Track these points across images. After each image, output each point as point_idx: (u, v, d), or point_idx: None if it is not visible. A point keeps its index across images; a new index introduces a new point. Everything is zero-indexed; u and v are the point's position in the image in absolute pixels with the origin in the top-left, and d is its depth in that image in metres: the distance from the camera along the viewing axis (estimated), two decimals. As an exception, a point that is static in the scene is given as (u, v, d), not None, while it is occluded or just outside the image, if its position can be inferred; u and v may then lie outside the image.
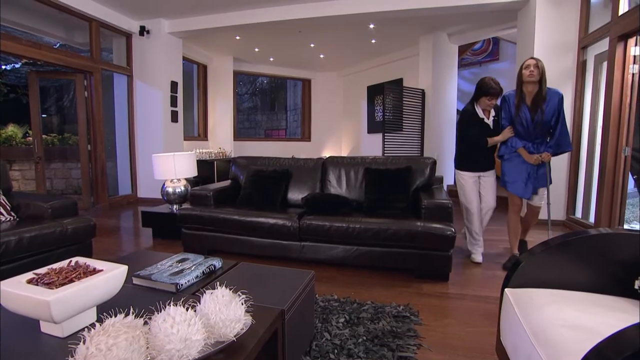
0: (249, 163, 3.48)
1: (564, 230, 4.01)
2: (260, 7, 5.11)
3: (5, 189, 2.58)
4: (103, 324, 0.86)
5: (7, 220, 2.41)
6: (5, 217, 2.41)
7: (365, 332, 1.76)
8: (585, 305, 1.15)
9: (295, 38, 6.48)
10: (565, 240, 1.39)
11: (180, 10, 5.27)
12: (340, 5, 4.85)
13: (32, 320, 1.05)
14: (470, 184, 2.92)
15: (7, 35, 4.36)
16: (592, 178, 3.90)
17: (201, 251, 2.94)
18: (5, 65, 8.75)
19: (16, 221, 2.43)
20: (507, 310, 1.28)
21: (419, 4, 4.62)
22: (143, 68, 5.75)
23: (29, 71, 5.35)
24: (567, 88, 4.13)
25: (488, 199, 2.94)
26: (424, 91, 6.36)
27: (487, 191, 2.93)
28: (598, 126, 3.78)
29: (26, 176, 6.25)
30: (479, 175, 2.93)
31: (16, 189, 3.06)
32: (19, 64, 8.66)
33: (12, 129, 7.22)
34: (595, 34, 3.75)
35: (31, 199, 2.62)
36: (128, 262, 1.27)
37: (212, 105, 7.97)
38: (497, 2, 4.44)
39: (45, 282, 1.02)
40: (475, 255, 2.95)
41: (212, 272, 1.58)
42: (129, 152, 5.86)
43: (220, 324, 0.97)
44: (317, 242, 2.66)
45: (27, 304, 0.97)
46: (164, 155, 3.52)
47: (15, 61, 8.45)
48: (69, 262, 1.17)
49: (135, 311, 0.96)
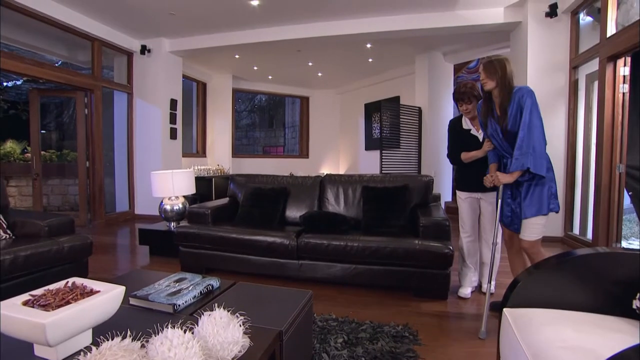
0: (247, 181, 3.49)
1: (562, 247, 4.01)
2: (260, 27, 5.23)
3: (2, 207, 2.57)
4: (99, 348, 0.85)
5: (3, 238, 2.39)
6: (1, 236, 2.39)
7: (364, 353, 1.73)
8: (584, 326, 1.15)
9: (294, 57, 6.61)
10: (562, 259, 1.40)
11: (181, 29, 5.39)
12: (338, 25, 4.98)
13: (25, 343, 1.03)
14: (464, 206, 2.50)
15: (11, 54, 4.44)
16: (588, 194, 3.93)
17: (198, 269, 2.91)
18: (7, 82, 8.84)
19: (12, 239, 2.41)
20: (506, 331, 1.27)
21: (415, 25, 4.76)
22: (143, 86, 5.82)
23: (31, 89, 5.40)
24: (560, 106, 4.22)
25: (486, 230, 2.48)
26: (421, 109, 6.46)
27: (486, 220, 2.47)
28: (592, 143, 3.84)
29: (23, 192, 6.22)
30: (478, 197, 2.45)
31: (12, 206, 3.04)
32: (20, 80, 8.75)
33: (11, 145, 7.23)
34: (585, 54, 3.86)
35: (28, 217, 2.61)
36: (125, 282, 1.26)
37: (211, 122, 8.04)
38: (489, 23, 4.58)
39: (42, 304, 1.01)
40: (462, 288, 2.53)
41: (210, 292, 1.57)
42: (127, 168, 5.87)
43: (218, 347, 0.96)
44: (315, 260, 2.65)
45: (22, 327, 0.95)
46: (163, 172, 3.53)
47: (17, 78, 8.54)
48: (66, 282, 1.16)
49: (132, 334, 0.95)
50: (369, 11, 4.68)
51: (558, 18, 4.10)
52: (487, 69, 2.05)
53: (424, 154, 6.48)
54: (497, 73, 2.03)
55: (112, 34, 5.29)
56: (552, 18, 4.11)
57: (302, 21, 5.01)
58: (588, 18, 4.04)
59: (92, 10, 4.66)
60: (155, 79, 5.79)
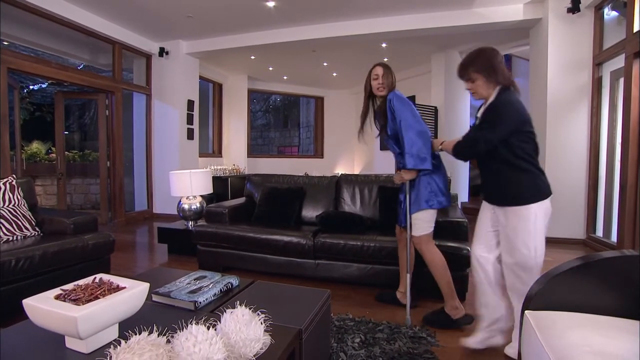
0: (263, 181, 3.52)
1: (584, 250, 3.89)
2: (275, 28, 5.28)
3: (31, 205, 2.68)
4: (128, 342, 0.88)
5: (32, 235, 2.49)
6: (30, 232, 2.49)
7: (381, 353, 1.73)
8: (611, 331, 1.12)
9: (309, 57, 6.64)
10: (587, 261, 1.36)
11: (198, 32, 5.49)
12: (354, 25, 4.98)
13: (57, 336, 1.08)
14: (481, 213, 1.88)
15: (38, 59, 4.62)
16: (612, 195, 3.81)
17: (216, 268, 2.96)
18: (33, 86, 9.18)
19: (40, 236, 2.51)
20: (529, 334, 1.25)
21: (431, 24, 4.71)
22: (161, 87, 5.96)
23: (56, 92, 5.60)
24: (582, 105, 4.09)
25: (503, 250, 1.72)
26: (437, 108, 6.38)
27: (502, 238, 1.72)
28: (617, 142, 3.71)
29: (48, 191, 6.46)
30: (492, 207, 1.78)
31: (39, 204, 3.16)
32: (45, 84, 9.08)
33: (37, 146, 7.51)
34: (610, 50, 3.73)
35: (54, 215, 2.71)
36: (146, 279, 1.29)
37: (227, 122, 8.15)
38: (508, 21, 4.49)
39: (72, 299, 1.05)
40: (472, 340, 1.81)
41: (229, 290, 1.59)
42: (146, 168, 6.01)
43: (240, 344, 0.98)
44: (331, 260, 2.66)
45: (55, 320, 1.00)
46: (181, 172, 3.60)
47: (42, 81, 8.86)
48: (94, 278, 1.20)
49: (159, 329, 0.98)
50: (384, 10, 4.65)
51: (581, 13, 3.99)
52: (387, 75, 2.12)
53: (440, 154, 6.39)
54: (390, 79, 2.09)
55: (132, 37, 5.43)
56: (575, 14, 3.99)
57: (318, 21, 5.03)
58: (613, 13, 3.91)
59: (114, 14, 4.79)
60: (172, 80, 5.91)
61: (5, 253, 2.05)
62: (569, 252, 3.69)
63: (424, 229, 2.05)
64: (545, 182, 1.66)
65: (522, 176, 1.64)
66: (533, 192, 1.63)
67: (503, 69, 1.68)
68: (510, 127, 1.60)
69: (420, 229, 2.05)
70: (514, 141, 1.62)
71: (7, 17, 4.15)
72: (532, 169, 1.64)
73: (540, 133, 4.62)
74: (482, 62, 1.68)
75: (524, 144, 1.63)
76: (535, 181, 1.64)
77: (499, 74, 1.66)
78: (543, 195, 1.64)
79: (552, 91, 4.18)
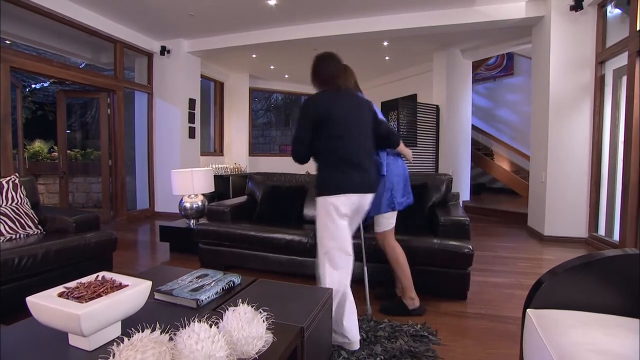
0: (265, 179, 3.53)
1: (586, 248, 3.89)
2: (276, 27, 5.27)
3: (33, 203, 2.69)
4: (131, 339, 0.89)
5: (35, 233, 2.50)
6: (33, 231, 2.50)
7: (382, 352, 1.73)
8: (613, 329, 1.12)
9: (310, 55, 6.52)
10: (589, 260, 1.36)
11: (200, 30, 5.49)
12: (355, 24, 4.97)
13: (60, 333, 1.08)
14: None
15: (40, 58, 4.63)
16: (614, 194, 3.79)
17: (218, 266, 2.97)
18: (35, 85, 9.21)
19: (43, 235, 2.52)
20: (530, 332, 1.25)
21: (432, 22, 4.70)
22: (163, 86, 5.96)
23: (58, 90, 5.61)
24: (585, 103, 4.08)
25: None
26: (438, 107, 6.37)
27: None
28: (619, 141, 3.70)
29: (50, 190, 6.48)
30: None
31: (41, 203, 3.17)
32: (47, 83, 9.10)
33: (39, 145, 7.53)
34: (613, 48, 3.72)
35: (56, 214, 2.72)
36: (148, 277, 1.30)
37: (228, 121, 8.15)
38: (510, 19, 4.47)
39: (76, 296, 1.05)
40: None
41: (231, 289, 1.60)
42: (147, 167, 6.02)
43: (243, 341, 0.98)
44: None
45: (59, 317, 1.00)
46: (183, 171, 3.60)
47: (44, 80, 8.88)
48: (96, 276, 1.20)
49: (161, 326, 0.98)
50: (385, 9, 4.64)
51: (584, 11, 3.97)
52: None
53: (442, 152, 6.39)
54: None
55: (134, 35, 5.43)
56: (577, 11, 3.98)
57: (319, 20, 5.02)
58: (616, 10, 3.89)
59: (115, 13, 4.79)
60: (174, 79, 5.91)
61: (8, 251, 2.06)
62: (571, 251, 3.69)
63: (385, 225, 2.19)
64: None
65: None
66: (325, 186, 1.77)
67: (323, 71, 1.85)
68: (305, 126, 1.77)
69: (382, 225, 2.19)
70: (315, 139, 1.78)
71: (9, 16, 4.16)
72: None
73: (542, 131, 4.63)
74: (311, 70, 1.90)
75: (324, 142, 1.76)
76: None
77: (316, 78, 1.87)
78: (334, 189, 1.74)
79: (555, 89, 4.17)
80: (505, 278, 2.89)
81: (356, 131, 1.79)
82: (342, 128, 1.75)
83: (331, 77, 1.83)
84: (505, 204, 6.45)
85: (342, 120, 1.75)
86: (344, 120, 1.75)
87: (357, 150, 1.77)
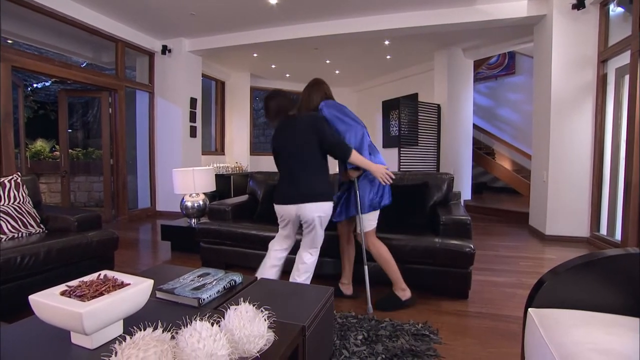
0: (266, 178, 3.52)
1: (588, 248, 3.88)
2: (278, 26, 5.27)
3: (35, 202, 2.70)
4: (133, 337, 0.89)
5: (37, 232, 2.51)
6: (35, 230, 2.51)
7: (384, 350, 1.73)
8: (615, 329, 1.11)
9: (311, 55, 6.62)
10: (591, 259, 1.35)
11: (201, 29, 5.49)
12: (356, 23, 4.96)
13: (63, 332, 1.09)
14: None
15: (41, 57, 4.64)
16: (617, 193, 3.78)
17: (219, 265, 2.97)
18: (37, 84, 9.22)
19: (45, 233, 2.53)
20: (532, 332, 1.25)
21: (434, 21, 4.69)
22: (164, 85, 5.96)
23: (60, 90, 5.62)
24: (587, 102, 4.07)
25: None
26: (440, 106, 6.36)
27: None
28: (622, 140, 3.69)
29: (52, 189, 6.50)
30: None
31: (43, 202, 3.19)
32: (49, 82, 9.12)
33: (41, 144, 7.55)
34: (615, 47, 3.70)
35: (58, 213, 2.73)
36: (150, 276, 1.30)
37: (229, 120, 8.15)
38: (512, 17, 4.46)
39: (78, 295, 1.06)
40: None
41: (233, 287, 1.60)
42: (149, 166, 6.03)
43: (244, 340, 0.98)
44: (334, 257, 2.66)
45: (61, 315, 1.00)
46: (184, 169, 3.61)
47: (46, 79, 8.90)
48: (98, 275, 1.21)
49: (163, 325, 0.98)
50: (387, 8, 4.63)
51: (586, 10, 3.95)
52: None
53: (443, 151, 6.38)
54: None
55: (135, 35, 5.44)
56: (580, 10, 3.96)
57: (320, 19, 5.01)
58: (619, 9, 3.88)
59: (117, 12, 4.80)
60: (175, 78, 5.92)
61: (10, 250, 2.07)
62: (573, 250, 3.68)
63: (369, 225, 2.31)
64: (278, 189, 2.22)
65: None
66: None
67: (271, 108, 2.22)
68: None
69: (365, 226, 2.30)
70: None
71: (11, 15, 4.17)
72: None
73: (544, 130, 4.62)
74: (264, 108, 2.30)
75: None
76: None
77: (268, 114, 2.24)
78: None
79: (557, 88, 4.16)
80: (506, 277, 2.89)
81: (292, 148, 2.11)
82: (281, 148, 2.16)
83: (279, 110, 2.20)
84: (506, 203, 6.44)
85: (282, 144, 2.16)
86: (283, 144, 2.15)
87: (291, 167, 2.12)
